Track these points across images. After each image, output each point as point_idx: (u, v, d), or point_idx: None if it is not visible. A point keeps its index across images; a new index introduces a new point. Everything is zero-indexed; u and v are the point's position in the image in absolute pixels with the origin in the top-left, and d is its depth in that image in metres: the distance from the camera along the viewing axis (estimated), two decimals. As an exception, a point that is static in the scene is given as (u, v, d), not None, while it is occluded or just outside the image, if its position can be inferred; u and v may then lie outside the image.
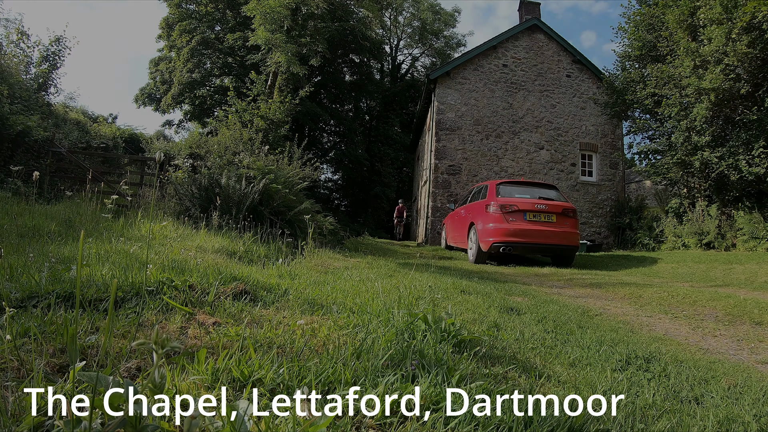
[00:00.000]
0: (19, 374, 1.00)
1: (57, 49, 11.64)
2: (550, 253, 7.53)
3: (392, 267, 4.45)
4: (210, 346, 1.29)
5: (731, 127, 9.19)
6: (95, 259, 2.26)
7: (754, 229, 8.08)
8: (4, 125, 8.26)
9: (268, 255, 3.85)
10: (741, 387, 1.70)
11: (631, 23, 11.28)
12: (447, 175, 12.48)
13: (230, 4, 21.03)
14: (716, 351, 2.42)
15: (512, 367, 1.55)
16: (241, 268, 2.75)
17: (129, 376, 1.08)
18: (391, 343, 1.44)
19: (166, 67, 23.51)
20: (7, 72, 10.01)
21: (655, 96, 10.19)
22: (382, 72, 29.18)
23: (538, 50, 13.38)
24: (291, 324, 1.60)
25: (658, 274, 6.75)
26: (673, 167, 9.82)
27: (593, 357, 1.92)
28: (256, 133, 7.96)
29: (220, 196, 5.10)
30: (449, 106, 12.70)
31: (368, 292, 2.44)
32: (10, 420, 0.80)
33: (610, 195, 13.10)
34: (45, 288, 1.58)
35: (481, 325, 2.20)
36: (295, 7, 11.07)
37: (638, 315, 3.37)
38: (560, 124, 13.14)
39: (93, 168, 9.06)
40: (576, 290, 4.62)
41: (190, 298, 1.78)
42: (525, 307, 3.04)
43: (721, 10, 8.07)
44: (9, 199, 5.27)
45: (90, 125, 15.68)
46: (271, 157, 6.41)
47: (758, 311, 3.24)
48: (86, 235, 3.21)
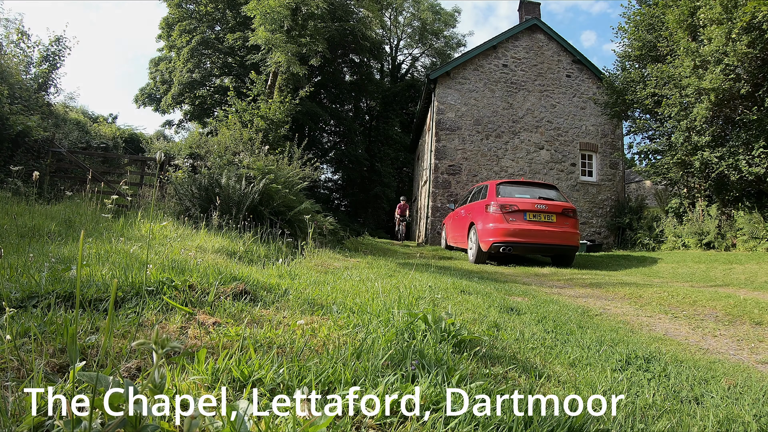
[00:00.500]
0: (19, 374, 1.00)
1: (57, 49, 11.64)
2: (550, 253, 7.53)
3: (392, 267, 4.45)
4: (210, 346, 1.29)
5: (731, 127, 9.19)
6: (95, 259, 2.26)
7: (754, 229, 8.08)
8: (4, 125, 8.26)
9: (268, 255, 3.85)
10: (741, 387, 1.70)
11: (631, 23, 11.29)
12: (447, 175, 12.49)
13: (230, 4, 21.02)
14: (716, 351, 2.42)
15: (512, 367, 1.55)
16: (241, 268, 2.75)
17: (129, 376, 1.08)
18: (391, 343, 1.44)
19: (166, 67, 23.50)
20: (7, 72, 10.01)
21: (655, 96, 10.19)
22: (382, 72, 29.19)
23: (538, 50, 13.38)
24: (291, 324, 1.60)
25: (658, 274, 6.75)
26: (673, 167, 9.82)
27: (593, 357, 1.92)
28: (256, 133, 7.96)
29: (220, 196, 5.11)
30: (449, 106, 12.70)
31: (368, 292, 2.44)
32: (10, 420, 0.80)
33: (610, 195, 13.10)
34: (45, 288, 1.58)
35: (481, 325, 2.19)
36: (295, 7, 11.07)
37: (638, 315, 3.37)
38: (560, 124, 13.14)
39: (93, 168, 9.06)
40: (576, 290, 4.62)
41: (190, 298, 1.78)
42: (525, 307, 3.04)
43: (721, 10, 8.07)
44: (9, 199, 5.27)
45: (90, 125, 15.69)
46: (271, 157, 6.41)
47: (758, 311, 3.23)
48: (86, 235, 3.21)
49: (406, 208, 15.76)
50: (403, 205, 15.76)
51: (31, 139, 8.82)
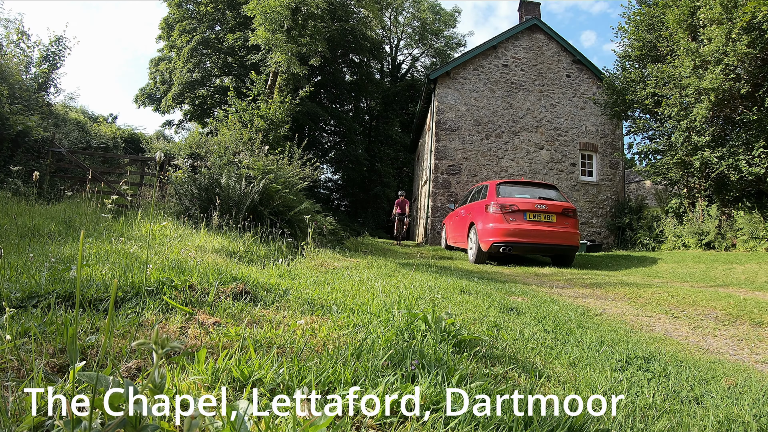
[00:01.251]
0: (19, 374, 1.00)
1: (57, 49, 11.64)
2: (550, 253, 7.53)
3: (392, 267, 4.44)
4: (210, 346, 1.29)
5: (731, 127, 9.19)
6: (95, 259, 2.26)
7: (754, 229, 8.08)
8: (4, 125, 8.26)
9: (268, 255, 3.85)
10: (741, 387, 1.70)
11: (631, 23, 11.28)
12: (447, 175, 12.49)
13: (230, 4, 21.03)
14: (716, 351, 2.42)
15: (512, 367, 1.55)
16: (241, 268, 2.75)
17: (129, 376, 1.08)
18: (391, 343, 1.44)
19: (166, 67, 23.51)
20: (7, 72, 10.01)
21: (655, 96, 10.19)
22: (382, 72, 29.19)
23: (538, 50, 13.38)
24: (291, 324, 1.60)
25: (658, 274, 6.75)
26: (673, 167, 9.82)
27: (593, 357, 1.92)
28: (256, 133, 7.96)
29: (220, 196, 5.11)
30: (449, 106, 12.70)
31: (368, 292, 2.44)
32: (10, 420, 0.80)
33: (610, 195, 13.10)
34: (45, 288, 1.58)
35: (481, 325, 2.19)
36: (295, 7, 11.07)
37: (638, 315, 3.37)
38: (560, 124, 13.14)
39: (93, 168, 9.06)
40: (576, 290, 4.62)
41: (190, 298, 1.78)
42: (525, 307, 3.04)
43: (721, 10, 8.07)
44: (9, 199, 5.27)
45: (90, 125, 15.68)
46: (271, 157, 6.41)
47: (758, 311, 3.23)
48: (86, 235, 3.21)
49: (405, 204, 13.28)
50: (401, 200, 13.30)
51: (31, 139, 8.83)
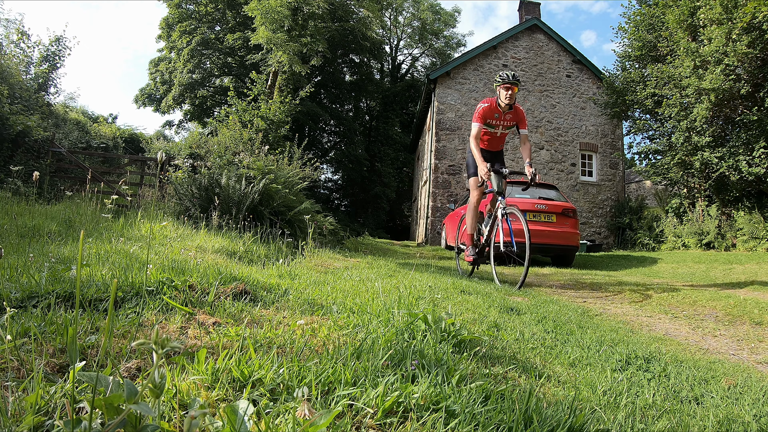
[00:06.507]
0: (19, 374, 1.00)
1: (57, 49, 11.64)
2: (550, 253, 7.53)
3: (392, 267, 4.44)
4: (210, 346, 1.29)
5: (731, 128, 9.20)
6: (95, 259, 2.26)
7: (754, 229, 8.08)
8: (4, 125, 8.26)
9: (268, 255, 3.85)
10: (741, 387, 1.70)
11: (631, 23, 11.29)
12: (447, 175, 12.49)
13: (230, 4, 21.02)
14: (716, 351, 2.42)
15: (512, 367, 1.55)
16: (241, 268, 2.75)
17: (129, 376, 1.08)
18: (391, 343, 1.44)
19: (166, 68, 23.51)
20: (7, 72, 10.01)
21: (655, 96, 10.19)
22: (382, 72, 29.19)
23: (538, 50, 13.38)
24: (291, 324, 1.60)
25: (658, 274, 6.75)
26: (673, 167, 9.82)
27: (593, 357, 1.92)
28: (256, 133, 7.96)
29: (220, 196, 5.10)
30: (449, 106, 12.70)
31: (368, 292, 2.44)
32: (10, 420, 0.80)
33: (610, 195, 13.10)
34: (45, 288, 1.58)
35: (481, 325, 2.19)
36: (296, 7, 11.08)
37: (638, 315, 3.37)
38: (560, 124, 13.14)
39: (93, 168, 9.06)
40: (576, 290, 4.62)
41: (190, 298, 1.77)
42: (525, 307, 3.04)
43: (721, 10, 8.07)
44: (9, 199, 5.27)
45: (90, 125, 15.69)
46: (271, 157, 6.41)
47: (758, 311, 3.23)
48: (86, 235, 3.21)
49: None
50: None
51: (31, 139, 8.83)
